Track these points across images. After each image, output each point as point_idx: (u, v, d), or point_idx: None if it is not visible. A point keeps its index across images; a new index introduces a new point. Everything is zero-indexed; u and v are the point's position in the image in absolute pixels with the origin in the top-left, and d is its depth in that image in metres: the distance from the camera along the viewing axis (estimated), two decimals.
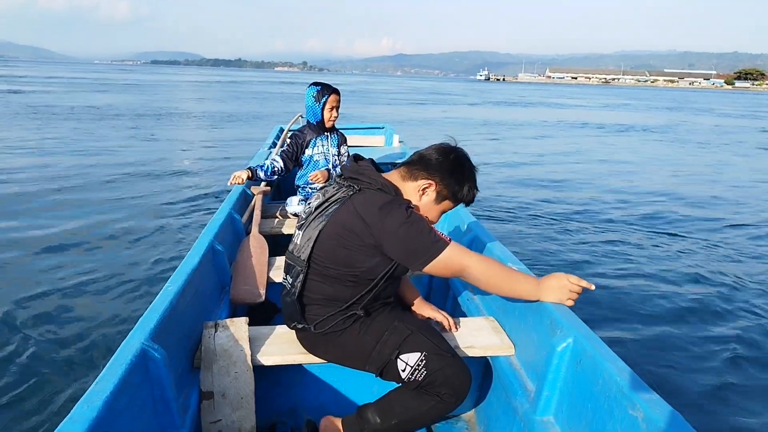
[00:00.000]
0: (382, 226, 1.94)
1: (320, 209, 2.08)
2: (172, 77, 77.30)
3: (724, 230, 7.13)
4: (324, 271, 2.05)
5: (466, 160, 2.15)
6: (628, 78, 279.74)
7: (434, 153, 2.13)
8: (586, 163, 12.63)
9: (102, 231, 6.45)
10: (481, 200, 8.02)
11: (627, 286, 4.91)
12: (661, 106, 45.13)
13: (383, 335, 2.06)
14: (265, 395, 2.34)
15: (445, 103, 38.89)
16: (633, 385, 1.55)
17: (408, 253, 1.96)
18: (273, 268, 3.12)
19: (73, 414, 1.36)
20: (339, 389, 2.45)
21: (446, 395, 1.98)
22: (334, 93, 3.90)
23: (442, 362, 2.00)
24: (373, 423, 2.07)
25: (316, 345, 2.16)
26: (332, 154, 4.06)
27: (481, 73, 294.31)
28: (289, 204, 3.98)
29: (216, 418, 2.05)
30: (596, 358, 1.73)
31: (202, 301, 2.46)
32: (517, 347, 2.30)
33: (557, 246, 6.08)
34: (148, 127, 17.25)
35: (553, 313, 2.03)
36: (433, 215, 2.17)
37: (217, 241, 2.89)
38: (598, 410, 1.67)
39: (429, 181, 2.10)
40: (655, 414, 1.42)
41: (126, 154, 11.96)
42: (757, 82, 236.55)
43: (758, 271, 5.44)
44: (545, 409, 1.94)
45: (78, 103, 24.34)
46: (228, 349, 2.15)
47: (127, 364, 1.59)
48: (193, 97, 33.33)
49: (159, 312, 1.93)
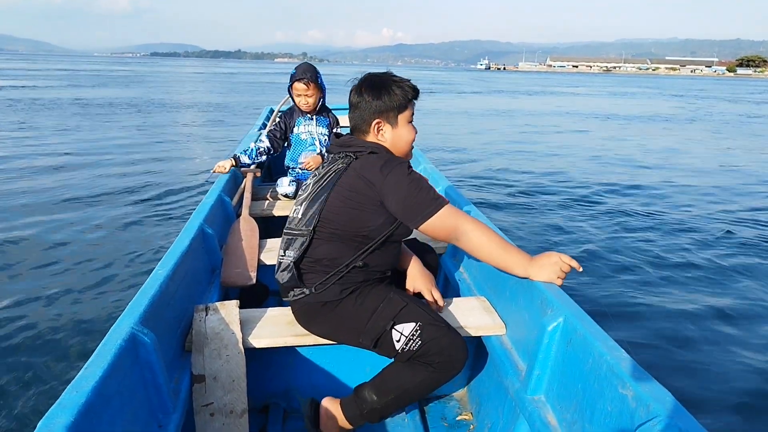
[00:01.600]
0: (384, 182, 2.00)
1: (321, 183, 2.12)
2: (172, 69, 76.28)
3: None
4: (330, 234, 2.09)
5: (378, 77, 2.19)
6: (629, 66, 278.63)
7: (353, 100, 2.19)
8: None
9: (90, 217, 6.42)
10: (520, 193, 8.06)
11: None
12: (675, 93, 44.85)
13: (378, 306, 2.08)
14: (257, 377, 2.35)
15: (448, 92, 38.85)
16: (623, 363, 1.56)
17: (408, 208, 2.01)
18: (264, 251, 3.10)
19: (62, 400, 1.35)
20: (331, 370, 2.46)
21: (440, 364, 1.99)
22: (297, 81, 3.84)
23: (437, 332, 2.02)
24: (371, 401, 2.09)
25: (312, 317, 2.17)
26: (320, 134, 4.02)
27: (481, 63, 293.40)
28: (280, 185, 3.95)
29: (208, 401, 2.04)
30: (587, 338, 1.73)
31: (192, 284, 2.45)
32: (509, 327, 2.30)
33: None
34: (140, 116, 17.17)
35: (544, 293, 2.04)
36: (406, 137, 2.20)
37: (206, 224, 2.87)
38: (588, 389, 1.67)
39: (374, 121, 2.15)
40: (645, 392, 1.43)
41: (116, 141, 11.92)
42: (760, 69, 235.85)
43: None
44: (536, 388, 1.95)
45: (79, 95, 24.04)
46: (219, 332, 2.14)
47: (117, 349, 1.58)
48: (189, 89, 32.92)
49: (149, 296, 1.92)
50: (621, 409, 1.50)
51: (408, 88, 2.17)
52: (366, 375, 2.46)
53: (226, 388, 2.06)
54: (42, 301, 4.17)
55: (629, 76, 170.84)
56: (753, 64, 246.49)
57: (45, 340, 3.60)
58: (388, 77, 2.19)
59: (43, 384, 3.13)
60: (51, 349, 3.50)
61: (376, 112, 2.14)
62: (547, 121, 19.42)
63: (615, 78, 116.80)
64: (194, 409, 2.02)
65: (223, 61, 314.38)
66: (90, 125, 14.50)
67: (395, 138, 2.18)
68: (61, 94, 24.05)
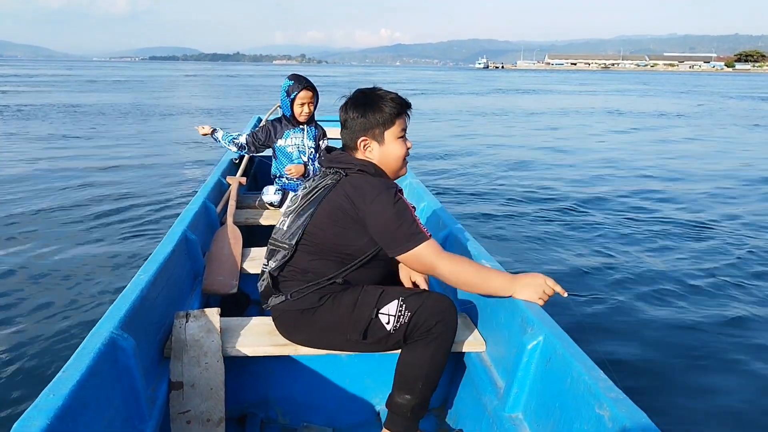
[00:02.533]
0: (368, 208, 2.00)
1: (309, 196, 2.12)
2: (171, 72, 75.64)
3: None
4: (313, 249, 2.08)
5: (363, 94, 2.17)
6: (627, 63, 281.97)
7: (342, 118, 2.18)
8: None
9: (73, 218, 6.36)
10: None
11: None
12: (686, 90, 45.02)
13: (357, 300, 2.09)
14: (236, 386, 2.33)
15: (448, 92, 38.71)
16: (601, 384, 1.57)
17: (388, 237, 2.01)
18: (247, 259, 3.10)
19: (37, 402, 1.34)
20: (311, 381, 2.45)
21: (436, 328, 2.01)
22: (305, 89, 3.82)
23: (420, 298, 2.05)
24: (408, 402, 2.07)
25: (293, 326, 2.16)
26: (308, 147, 4.02)
27: (479, 61, 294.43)
28: (266, 193, 3.95)
29: (185, 409, 2.03)
30: (566, 357, 1.75)
31: (173, 290, 2.44)
32: (488, 344, 2.32)
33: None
34: (130, 121, 17.04)
35: (525, 311, 2.05)
36: (395, 153, 2.17)
37: (190, 230, 2.86)
38: (565, 408, 1.69)
39: (361, 139, 2.14)
40: (621, 413, 1.44)
41: (103, 146, 11.84)
42: (758, 64, 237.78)
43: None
44: (514, 405, 1.96)
45: (77, 101, 23.71)
46: (199, 340, 2.13)
47: (95, 353, 1.57)
48: (186, 93, 32.62)
49: (129, 301, 1.91)
50: (597, 429, 1.51)
51: (394, 103, 2.14)
52: (346, 384, 2.47)
53: (203, 396, 2.05)
54: (21, 304, 4.12)
55: (628, 72, 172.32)
56: (751, 59, 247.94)
57: (22, 343, 3.55)
58: (374, 93, 2.16)
59: (19, 386, 3.08)
60: (28, 352, 3.44)
61: (361, 129, 2.13)
62: (547, 122, 19.28)
63: (614, 75, 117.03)
64: (171, 416, 2.00)
65: (221, 64, 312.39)
66: (77, 131, 14.35)
67: (383, 155, 2.16)
68: (52, 100, 23.69)
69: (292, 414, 2.48)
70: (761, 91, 47.67)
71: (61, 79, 45.27)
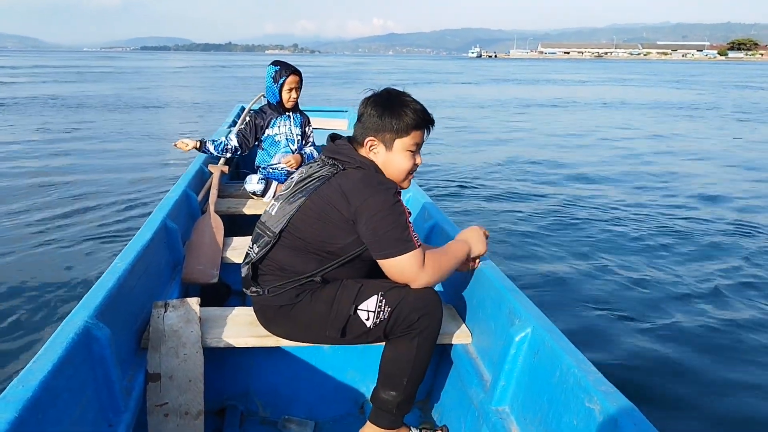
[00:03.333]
0: (362, 204, 1.92)
1: (301, 185, 2.04)
2: (162, 63, 74.30)
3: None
4: (295, 243, 2.01)
5: (389, 94, 2.08)
6: (620, 51, 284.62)
7: (359, 110, 2.09)
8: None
9: (52, 206, 6.25)
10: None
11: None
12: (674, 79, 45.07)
13: (335, 295, 2.02)
14: (216, 378, 2.27)
15: (446, 82, 38.45)
16: (591, 377, 1.54)
17: (375, 239, 1.93)
18: (228, 249, 3.03)
19: (6, 394, 1.28)
20: (291, 373, 2.40)
21: (420, 322, 1.96)
22: (293, 74, 3.80)
23: (400, 292, 1.98)
24: (393, 399, 2.03)
25: (271, 319, 2.11)
26: (295, 134, 3.97)
27: (472, 51, 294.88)
28: (248, 182, 3.88)
29: (162, 401, 1.97)
30: (554, 350, 1.71)
31: (152, 279, 2.37)
32: (475, 336, 2.28)
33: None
34: (116, 113, 16.78)
35: (513, 303, 2.02)
36: (399, 164, 2.08)
37: (170, 218, 2.79)
38: (554, 401, 1.65)
39: (369, 138, 2.05)
40: (612, 407, 1.41)
41: (87, 136, 11.66)
42: (751, 52, 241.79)
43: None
44: (501, 399, 1.93)
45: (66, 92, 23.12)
46: (177, 330, 2.07)
47: (69, 343, 1.51)
48: (176, 84, 32.06)
49: (105, 289, 1.85)
50: (587, 423, 1.48)
51: (415, 115, 2.03)
52: (328, 376, 2.42)
53: (182, 388, 1.99)
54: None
55: (621, 61, 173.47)
56: (744, 47, 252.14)
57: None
58: (400, 97, 2.07)
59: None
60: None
61: (372, 129, 2.04)
62: (541, 116, 19.21)
63: (608, 64, 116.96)
64: (148, 408, 1.94)
65: (213, 54, 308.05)
66: (58, 122, 14.09)
67: (387, 162, 2.07)
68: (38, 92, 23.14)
69: (273, 406, 2.43)
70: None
71: (48, 71, 44.11)
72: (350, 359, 2.43)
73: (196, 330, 2.09)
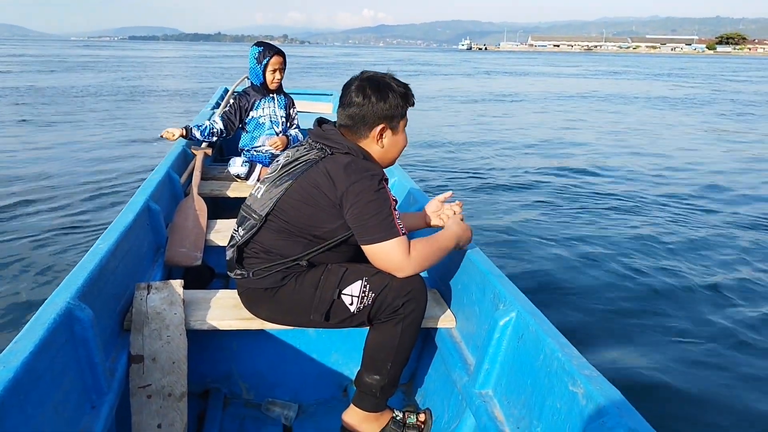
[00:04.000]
0: (348, 188, 1.91)
1: (288, 168, 2.02)
2: (150, 54, 72.50)
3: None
4: (281, 226, 2.00)
5: (378, 79, 2.06)
6: (610, 45, 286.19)
7: (356, 100, 2.02)
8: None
9: (33, 189, 6.16)
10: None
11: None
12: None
13: (320, 279, 2.02)
14: (199, 361, 2.26)
15: (440, 74, 37.98)
16: (575, 361, 1.55)
17: (360, 224, 1.92)
18: (212, 231, 3.01)
19: None
20: (275, 355, 2.40)
21: (404, 307, 1.97)
22: (276, 54, 3.78)
23: (384, 278, 1.98)
24: (377, 382, 2.04)
25: (256, 302, 2.10)
26: (279, 117, 3.94)
27: (462, 43, 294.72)
28: (232, 164, 3.84)
29: (145, 383, 1.96)
30: (539, 334, 1.72)
31: (134, 261, 2.35)
32: (459, 320, 2.29)
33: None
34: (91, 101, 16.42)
35: (497, 287, 2.03)
36: (401, 144, 2.14)
37: (153, 200, 2.76)
38: (537, 385, 1.67)
39: (380, 126, 2.03)
40: (596, 391, 1.42)
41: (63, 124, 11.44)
42: (739, 46, 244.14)
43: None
44: (485, 382, 1.94)
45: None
46: (161, 312, 2.06)
47: (50, 324, 1.49)
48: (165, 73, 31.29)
49: (88, 270, 1.82)
50: (570, 406, 1.49)
51: (410, 95, 2.08)
52: (312, 359, 2.42)
53: (165, 370, 1.98)
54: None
55: (610, 54, 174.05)
56: (732, 41, 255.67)
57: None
58: (392, 80, 2.07)
59: None
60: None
61: (382, 116, 2.01)
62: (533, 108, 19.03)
63: (598, 57, 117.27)
64: (130, 390, 1.93)
65: (202, 44, 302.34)
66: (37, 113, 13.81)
67: (392, 145, 2.08)
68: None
69: (256, 389, 2.42)
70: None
71: (31, 60, 42.85)
72: (334, 343, 2.43)
73: (180, 312, 2.07)
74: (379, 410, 2.11)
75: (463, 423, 2.00)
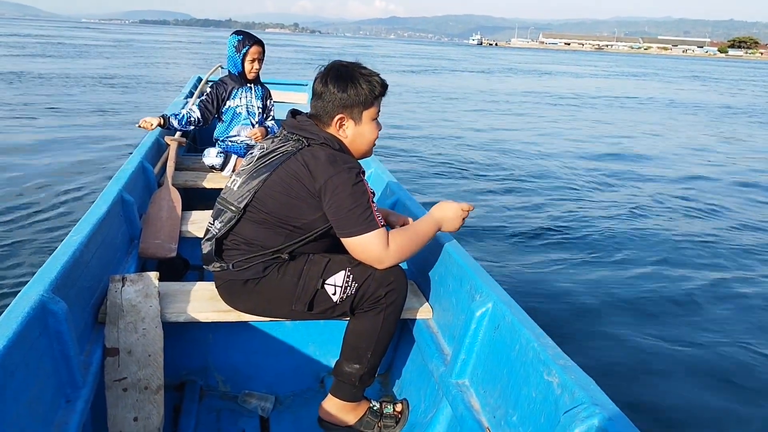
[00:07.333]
0: (326, 181, 1.91)
1: (265, 160, 2.01)
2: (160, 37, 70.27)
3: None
4: (261, 217, 1.99)
5: (346, 68, 2.05)
6: (621, 45, 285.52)
7: (318, 89, 2.04)
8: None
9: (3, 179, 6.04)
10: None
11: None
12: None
13: (302, 269, 2.02)
14: (175, 353, 2.24)
15: (460, 70, 36.56)
16: (550, 351, 1.58)
17: (338, 217, 1.93)
18: (187, 223, 2.98)
19: None
20: (251, 347, 2.39)
21: (386, 298, 1.99)
22: (256, 44, 3.75)
23: (367, 269, 2.00)
24: (355, 371, 2.05)
25: (237, 295, 2.09)
26: (256, 107, 3.91)
27: (473, 38, 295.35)
28: (207, 155, 3.80)
29: (121, 376, 1.94)
30: (514, 324, 1.75)
31: (108, 253, 2.32)
32: (435, 311, 2.30)
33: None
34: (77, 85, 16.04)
35: (474, 279, 2.04)
36: (368, 135, 2.09)
37: (126, 191, 2.72)
38: (513, 375, 1.69)
39: (338, 115, 2.02)
40: (570, 380, 1.45)
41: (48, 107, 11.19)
42: (751, 50, 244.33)
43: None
44: (461, 372, 1.96)
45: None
46: (136, 305, 2.04)
47: (23, 317, 1.46)
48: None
49: (61, 262, 1.80)
50: (545, 395, 1.52)
51: (376, 84, 2.03)
52: (289, 351, 2.42)
53: (141, 363, 1.96)
54: None
55: (621, 54, 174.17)
56: (744, 45, 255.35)
57: None
58: (357, 69, 2.04)
59: None
60: None
61: (340, 106, 2.00)
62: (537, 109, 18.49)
63: (610, 57, 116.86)
64: (106, 383, 1.91)
65: (212, 30, 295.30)
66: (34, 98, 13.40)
67: (356, 135, 2.06)
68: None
69: (233, 381, 2.42)
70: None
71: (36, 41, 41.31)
72: (311, 334, 2.43)
73: (155, 304, 2.05)
74: (356, 400, 2.12)
75: (440, 412, 2.02)
